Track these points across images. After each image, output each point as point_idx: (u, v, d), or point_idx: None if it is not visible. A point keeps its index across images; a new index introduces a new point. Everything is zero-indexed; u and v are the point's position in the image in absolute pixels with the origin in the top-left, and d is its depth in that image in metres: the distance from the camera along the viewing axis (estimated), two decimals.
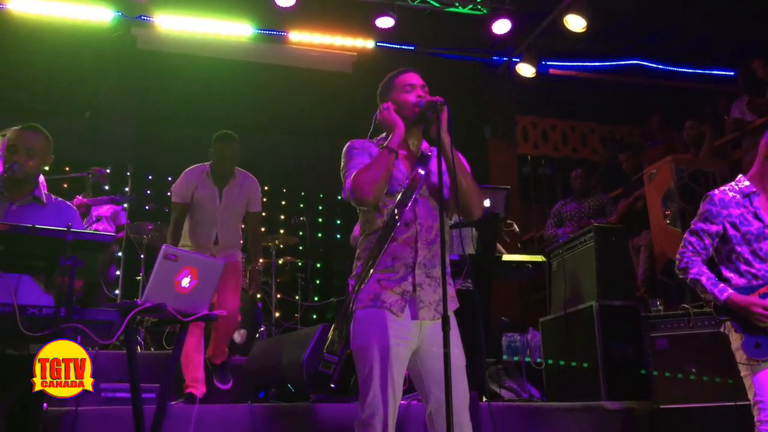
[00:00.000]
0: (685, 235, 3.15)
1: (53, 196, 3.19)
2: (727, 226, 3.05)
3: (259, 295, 7.20)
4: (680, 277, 3.13)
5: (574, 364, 4.93)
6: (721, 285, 3.02)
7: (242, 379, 4.77)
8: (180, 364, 4.28)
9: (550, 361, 5.22)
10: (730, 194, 3.11)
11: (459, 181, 2.63)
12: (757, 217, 3.04)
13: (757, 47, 7.43)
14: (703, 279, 3.02)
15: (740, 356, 3.00)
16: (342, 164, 2.77)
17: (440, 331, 2.49)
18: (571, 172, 7.48)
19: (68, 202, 3.26)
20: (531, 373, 5.35)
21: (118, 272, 6.98)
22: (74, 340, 2.63)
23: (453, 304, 2.71)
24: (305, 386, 3.99)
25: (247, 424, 3.92)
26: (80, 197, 5.96)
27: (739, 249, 3.05)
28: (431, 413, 2.61)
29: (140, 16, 7.76)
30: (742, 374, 3.02)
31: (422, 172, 2.76)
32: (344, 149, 2.81)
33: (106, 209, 6.35)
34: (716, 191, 3.14)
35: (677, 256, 3.14)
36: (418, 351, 2.65)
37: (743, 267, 3.05)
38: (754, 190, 3.09)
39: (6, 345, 2.76)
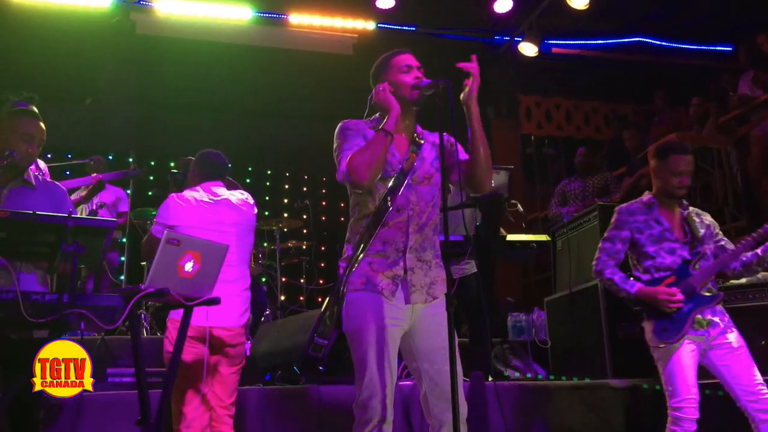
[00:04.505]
0: (599, 244, 3.56)
1: (40, 177, 3.16)
2: (633, 230, 3.47)
3: (264, 279, 7.21)
4: (597, 279, 3.52)
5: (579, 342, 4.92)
6: (631, 281, 3.41)
7: (248, 362, 4.78)
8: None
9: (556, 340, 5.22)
10: (635, 205, 3.56)
11: (478, 152, 2.64)
12: (658, 222, 3.46)
13: (761, 22, 7.34)
14: (616, 278, 3.42)
15: (651, 341, 3.36)
16: (335, 145, 2.71)
17: (433, 311, 2.55)
18: (575, 151, 7.44)
19: (57, 182, 3.23)
20: (537, 353, 5.36)
21: (122, 258, 6.99)
22: (77, 325, 2.63)
23: (444, 286, 2.57)
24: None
25: (253, 407, 3.94)
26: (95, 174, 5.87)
27: (644, 250, 3.44)
28: (425, 393, 2.60)
29: (139, 1, 7.71)
30: (655, 359, 3.37)
31: (416, 156, 2.72)
32: (337, 129, 2.75)
33: (108, 195, 6.32)
34: (623, 205, 3.61)
35: (593, 261, 3.53)
36: (411, 331, 2.63)
37: (648, 263, 3.43)
38: (655, 201, 3.52)
39: (9, 332, 2.75)
